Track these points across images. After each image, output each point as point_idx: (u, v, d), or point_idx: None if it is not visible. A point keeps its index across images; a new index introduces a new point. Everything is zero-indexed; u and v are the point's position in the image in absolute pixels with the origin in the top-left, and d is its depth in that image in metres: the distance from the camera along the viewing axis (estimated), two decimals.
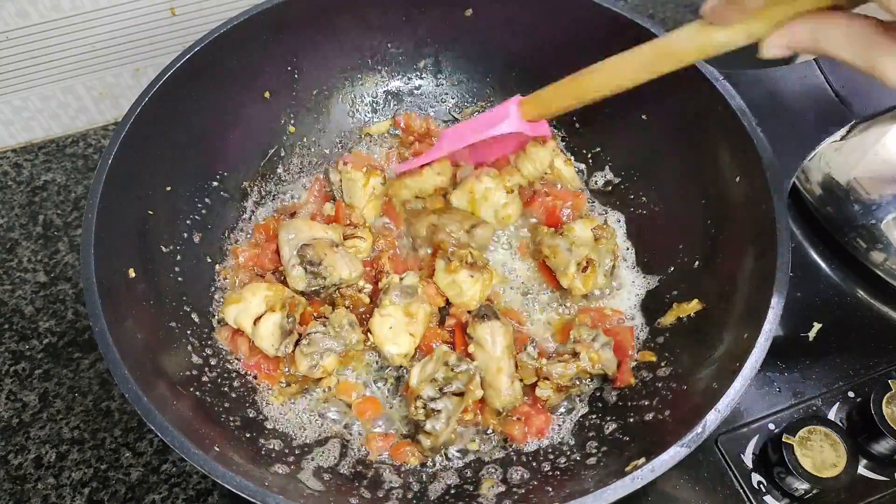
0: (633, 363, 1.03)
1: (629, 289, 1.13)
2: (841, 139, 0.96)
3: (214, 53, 1.05)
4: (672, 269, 1.09)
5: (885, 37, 0.58)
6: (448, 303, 1.08)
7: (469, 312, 1.05)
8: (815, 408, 1.10)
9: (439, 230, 1.09)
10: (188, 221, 1.09)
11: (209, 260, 1.11)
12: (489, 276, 1.06)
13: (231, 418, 0.93)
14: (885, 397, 1.03)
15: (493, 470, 0.96)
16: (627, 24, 1.06)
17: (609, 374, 1.01)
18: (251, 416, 0.97)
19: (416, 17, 1.20)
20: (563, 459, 0.95)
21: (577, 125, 1.25)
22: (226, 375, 1.00)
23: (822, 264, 1.25)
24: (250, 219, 1.18)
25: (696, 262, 1.05)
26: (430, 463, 0.97)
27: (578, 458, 0.94)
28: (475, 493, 0.91)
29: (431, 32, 1.23)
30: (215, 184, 1.13)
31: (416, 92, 1.30)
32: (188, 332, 1.00)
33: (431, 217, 1.11)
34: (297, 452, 0.94)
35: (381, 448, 0.98)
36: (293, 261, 1.03)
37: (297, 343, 1.00)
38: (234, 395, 0.98)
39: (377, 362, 1.06)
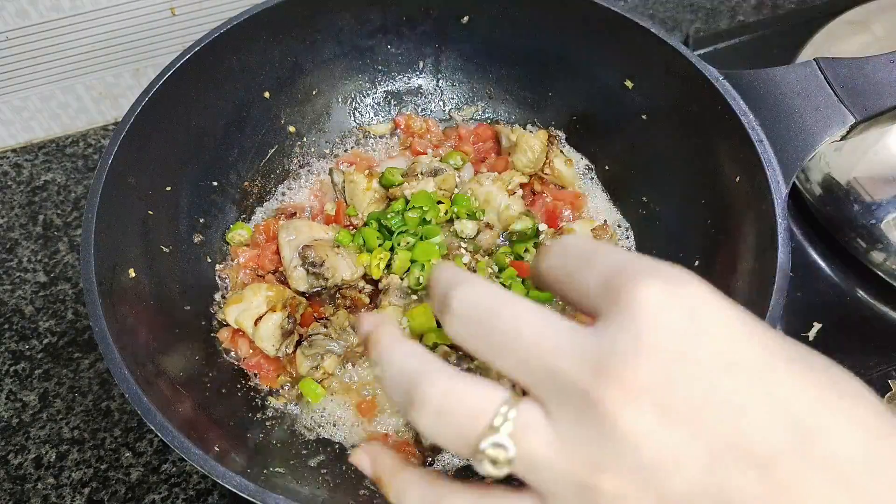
0: None
1: None
2: (841, 139, 0.96)
3: (214, 53, 1.04)
4: None
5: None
6: None
7: None
8: None
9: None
10: (188, 221, 1.08)
11: (209, 260, 1.11)
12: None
13: (231, 418, 0.93)
14: (885, 397, 1.03)
15: None
16: (627, 24, 1.06)
17: None
18: (251, 416, 0.97)
19: (416, 17, 1.20)
20: None
21: (576, 125, 1.25)
22: (226, 376, 1.00)
23: (822, 264, 1.25)
24: (250, 219, 1.18)
25: (696, 262, 1.05)
26: (430, 463, 0.97)
27: None
28: None
29: (431, 32, 1.23)
30: (215, 184, 1.13)
31: (416, 92, 1.30)
32: (188, 332, 1.00)
33: None
34: (297, 452, 0.94)
35: None
36: (294, 262, 1.03)
37: (297, 344, 1.00)
38: (234, 396, 0.98)
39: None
